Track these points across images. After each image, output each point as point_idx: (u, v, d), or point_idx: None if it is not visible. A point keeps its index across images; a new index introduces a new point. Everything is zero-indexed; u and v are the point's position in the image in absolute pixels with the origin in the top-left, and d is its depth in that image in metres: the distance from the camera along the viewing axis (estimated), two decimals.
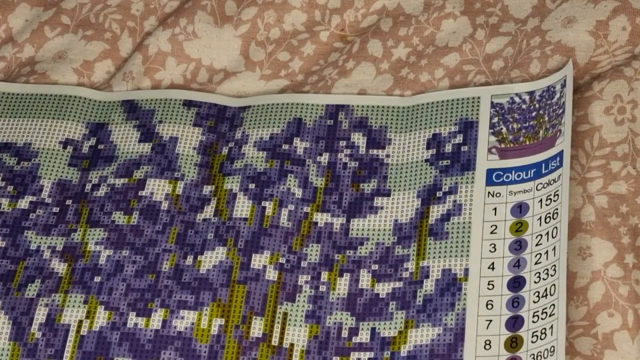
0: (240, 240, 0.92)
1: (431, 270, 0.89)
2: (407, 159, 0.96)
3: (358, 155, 0.96)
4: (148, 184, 0.96)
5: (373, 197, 0.94)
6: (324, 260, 0.91)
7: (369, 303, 0.89)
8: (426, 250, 0.90)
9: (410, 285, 0.89)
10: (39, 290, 0.90)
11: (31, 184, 0.97)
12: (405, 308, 0.88)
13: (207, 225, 0.93)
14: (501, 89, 0.96)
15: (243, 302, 0.88)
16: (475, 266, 0.88)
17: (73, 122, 1.01)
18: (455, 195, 0.92)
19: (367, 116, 0.98)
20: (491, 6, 1.02)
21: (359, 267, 0.90)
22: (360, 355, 0.86)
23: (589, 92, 0.94)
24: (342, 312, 0.89)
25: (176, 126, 0.99)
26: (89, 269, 0.91)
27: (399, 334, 0.87)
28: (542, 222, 0.88)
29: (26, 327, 0.89)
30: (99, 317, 0.89)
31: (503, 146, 0.93)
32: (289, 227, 0.92)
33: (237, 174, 0.96)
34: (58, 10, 1.08)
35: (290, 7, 1.05)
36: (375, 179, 0.95)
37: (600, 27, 0.97)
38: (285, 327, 0.88)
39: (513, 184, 0.92)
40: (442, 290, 0.88)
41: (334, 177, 0.95)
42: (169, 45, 1.05)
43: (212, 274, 0.90)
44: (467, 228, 0.90)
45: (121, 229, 0.93)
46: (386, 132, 0.97)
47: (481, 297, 0.87)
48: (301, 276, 0.90)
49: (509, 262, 0.88)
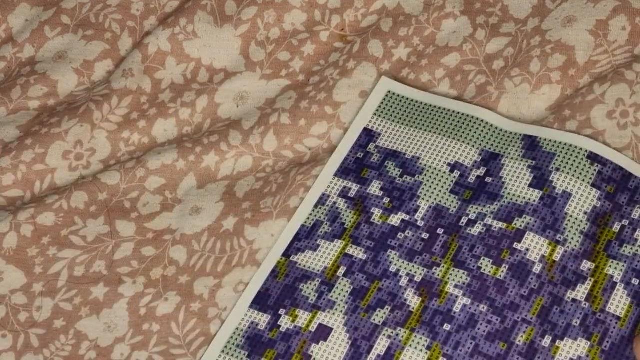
0: (607, 340, 0.81)
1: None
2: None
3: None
4: (526, 237, 0.86)
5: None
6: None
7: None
8: None
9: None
10: (386, 318, 0.84)
11: (408, 202, 0.90)
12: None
13: (575, 307, 0.83)
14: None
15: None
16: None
17: (467, 146, 0.93)
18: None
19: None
20: (491, 6, 1.02)
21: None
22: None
23: (591, 96, 0.94)
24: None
25: (573, 180, 0.88)
26: (442, 312, 0.84)
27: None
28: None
29: (364, 353, 0.83)
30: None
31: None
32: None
33: (623, 261, 0.84)
34: (58, 10, 1.08)
35: (290, 7, 1.05)
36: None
37: (600, 27, 0.98)
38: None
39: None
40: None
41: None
42: (169, 44, 1.05)
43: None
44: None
45: (485, 279, 0.84)
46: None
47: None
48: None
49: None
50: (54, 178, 1.00)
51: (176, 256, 0.94)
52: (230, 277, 0.91)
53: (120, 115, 1.02)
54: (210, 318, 0.89)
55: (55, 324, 0.91)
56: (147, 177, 0.98)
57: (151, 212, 0.97)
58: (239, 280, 0.91)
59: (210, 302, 0.90)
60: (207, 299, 0.90)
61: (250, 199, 0.96)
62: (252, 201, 0.95)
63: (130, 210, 0.97)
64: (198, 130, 1.02)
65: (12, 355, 0.90)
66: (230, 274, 0.91)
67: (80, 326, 0.91)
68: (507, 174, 0.90)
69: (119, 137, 1.01)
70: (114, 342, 0.90)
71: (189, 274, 0.92)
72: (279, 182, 0.96)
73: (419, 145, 0.93)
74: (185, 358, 0.88)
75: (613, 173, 0.88)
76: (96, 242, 0.95)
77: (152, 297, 0.91)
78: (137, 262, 0.94)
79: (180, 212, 0.96)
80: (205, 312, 0.90)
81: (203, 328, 0.89)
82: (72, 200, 0.97)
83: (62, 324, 0.91)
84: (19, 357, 0.90)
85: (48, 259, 0.94)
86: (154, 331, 0.90)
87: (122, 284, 0.92)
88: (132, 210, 0.97)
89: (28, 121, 1.03)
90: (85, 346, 0.90)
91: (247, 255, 0.92)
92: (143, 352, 0.89)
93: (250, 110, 1.02)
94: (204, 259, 0.93)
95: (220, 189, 0.97)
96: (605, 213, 0.86)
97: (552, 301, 0.83)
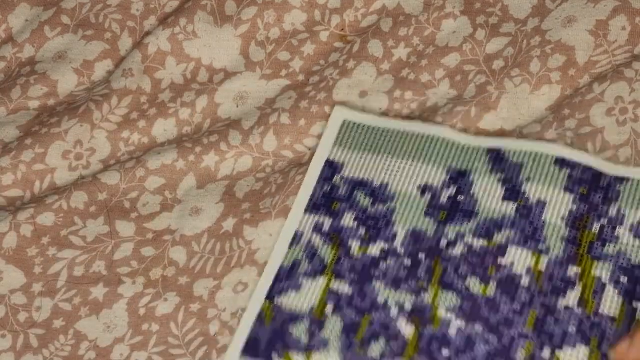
0: (605, 342, 0.80)
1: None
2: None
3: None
4: (509, 251, 0.85)
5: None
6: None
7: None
8: None
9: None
10: (383, 350, 0.82)
11: (385, 229, 0.88)
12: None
13: (569, 315, 0.82)
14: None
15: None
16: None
17: (434, 167, 0.91)
18: None
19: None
20: (491, 6, 1.02)
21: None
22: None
23: (590, 95, 0.94)
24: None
25: (545, 188, 0.88)
26: (438, 338, 0.82)
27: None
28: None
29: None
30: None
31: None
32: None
33: (608, 261, 0.84)
34: (58, 10, 1.08)
35: (290, 7, 1.05)
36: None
37: (600, 27, 0.98)
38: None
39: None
40: None
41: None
42: (169, 44, 1.05)
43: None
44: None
45: (475, 298, 0.83)
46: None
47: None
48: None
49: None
50: (53, 178, 1.00)
51: (176, 257, 0.94)
52: (230, 277, 0.91)
53: (120, 115, 1.02)
54: (209, 318, 0.89)
55: (55, 324, 0.91)
56: (147, 177, 0.98)
57: (151, 212, 0.97)
58: (238, 281, 0.91)
59: (210, 303, 0.90)
60: (206, 300, 0.90)
61: (250, 199, 0.96)
62: (252, 202, 0.95)
63: (130, 211, 0.97)
64: (198, 130, 1.02)
65: (11, 356, 0.90)
66: (229, 274, 0.91)
67: (79, 326, 0.91)
68: (479, 190, 0.89)
69: (118, 137, 1.01)
70: (114, 342, 0.90)
71: (189, 276, 0.92)
72: (279, 183, 0.96)
73: (385, 172, 0.92)
74: (185, 358, 0.88)
75: (583, 174, 0.88)
76: (96, 243, 0.95)
77: (152, 298, 0.91)
78: (137, 262, 0.94)
79: (180, 213, 0.96)
80: (204, 313, 0.90)
81: (202, 328, 0.89)
82: (72, 200, 0.97)
83: (61, 324, 0.91)
84: (18, 358, 0.90)
85: (48, 259, 0.94)
86: (153, 331, 0.90)
87: (122, 284, 0.92)
88: (132, 210, 0.97)
89: (28, 121, 1.03)
90: (85, 346, 0.90)
91: (246, 255, 0.92)
92: (142, 352, 0.89)
93: (250, 110, 1.02)
94: (203, 261, 0.93)
95: (220, 189, 0.97)
96: (583, 215, 0.86)
97: (545, 312, 0.82)
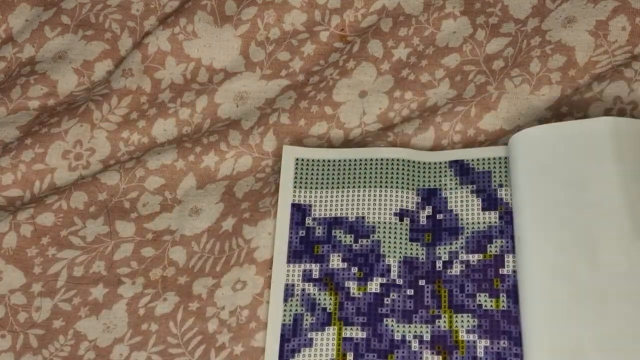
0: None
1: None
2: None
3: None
4: (507, 260, 0.85)
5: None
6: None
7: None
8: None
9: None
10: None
11: (376, 264, 0.87)
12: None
13: None
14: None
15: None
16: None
17: (402, 190, 0.90)
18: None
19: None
20: (491, 6, 1.02)
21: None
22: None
23: (589, 94, 0.94)
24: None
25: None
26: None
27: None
28: None
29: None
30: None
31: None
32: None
33: None
34: (58, 10, 1.08)
35: (290, 7, 1.05)
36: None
37: (600, 27, 0.98)
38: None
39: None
40: None
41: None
42: (169, 44, 1.05)
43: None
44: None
45: (491, 314, 0.83)
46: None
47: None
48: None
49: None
50: (53, 178, 1.00)
51: (176, 257, 0.93)
52: (229, 276, 0.91)
53: (120, 115, 1.02)
54: (208, 317, 0.89)
55: (55, 324, 0.91)
56: (147, 177, 0.98)
57: (151, 213, 0.97)
58: (237, 279, 0.91)
59: (209, 302, 0.90)
60: (205, 299, 0.90)
61: (250, 199, 0.96)
62: (251, 201, 0.95)
63: (130, 211, 0.97)
64: (198, 130, 1.02)
65: (11, 356, 0.90)
66: (228, 273, 0.91)
67: (79, 326, 0.91)
68: (455, 205, 0.88)
69: (118, 137, 1.01)
70: (113, 342, 0.90)
71: (188, 275, 0.92)
72: (278, 183, 0.96)
73: (356, 204, 0.90)
74: (184, 357, 0.88)
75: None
76: (96, 243, 0.95)
77: (151, 298, 0.91)
78: (137, 262, 0.94)
79: (180, 213, 0.96)
80: (203, 311, 0.90)
81: (201, 327, 0.89)
82: (72, 200, 0.97)
83: (61, 324, 0.91)
84: (18, 358, 0.90)
85: (47, 259, 0.94)
86: (152, 331, 0.90)
87: (122, 284, 0.92)
88: (132, 210, 0.97)
89: (28, 121, 1.03)
90: (84, 346, 0.90)
91: (245, 254, 0.92)
92: (142, 352, 0.89)
93: (250, 110, 1.02)
94: (203, 260, 0.93)
95: (219, 189, 0.97)
96: None
97: None
